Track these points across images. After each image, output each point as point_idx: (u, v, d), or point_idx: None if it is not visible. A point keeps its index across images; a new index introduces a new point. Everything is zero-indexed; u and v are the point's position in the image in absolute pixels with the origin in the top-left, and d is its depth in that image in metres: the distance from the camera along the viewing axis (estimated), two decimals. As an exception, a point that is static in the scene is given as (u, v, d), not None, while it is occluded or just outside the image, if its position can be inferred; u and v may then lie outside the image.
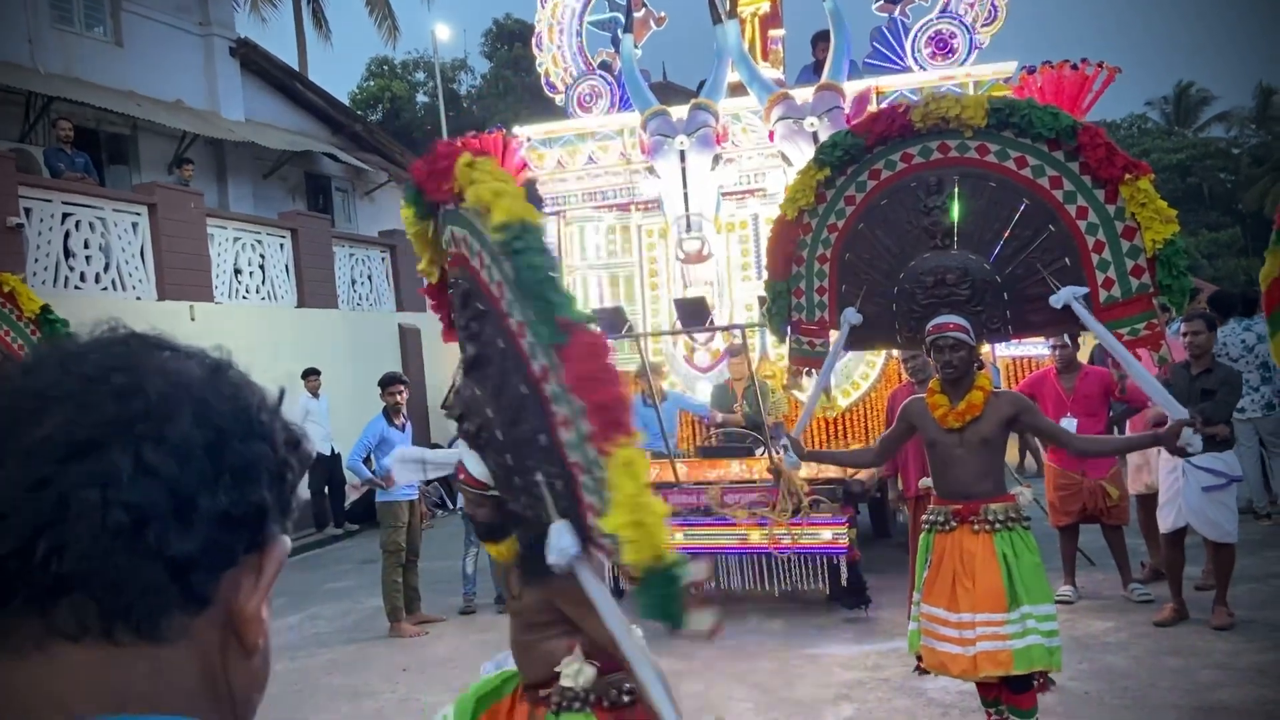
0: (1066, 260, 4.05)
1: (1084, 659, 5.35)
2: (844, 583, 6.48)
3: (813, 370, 4.76)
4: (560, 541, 2.33)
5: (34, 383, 0.64)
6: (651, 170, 7.88)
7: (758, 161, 8.07)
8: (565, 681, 2.79)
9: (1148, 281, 3.93)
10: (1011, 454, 8.10)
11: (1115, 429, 7.14)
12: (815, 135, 7.15)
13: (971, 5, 7.86)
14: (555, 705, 2.82)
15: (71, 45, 12.44)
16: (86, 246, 10.11)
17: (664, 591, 2.20)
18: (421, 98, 28.59)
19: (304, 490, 11.94)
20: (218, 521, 0.64)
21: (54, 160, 10.18)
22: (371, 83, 28.49)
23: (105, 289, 10.26)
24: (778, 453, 6.72)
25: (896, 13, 8.05)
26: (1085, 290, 4.00)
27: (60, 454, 0.60)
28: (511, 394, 2.48)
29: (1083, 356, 7.18)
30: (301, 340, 12.14)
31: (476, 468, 2.77)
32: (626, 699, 2.82)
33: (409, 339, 14.38)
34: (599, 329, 3.20)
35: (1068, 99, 7.56)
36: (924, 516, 4.31)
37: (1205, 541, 6.09)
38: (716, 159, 7.75)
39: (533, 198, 7.32)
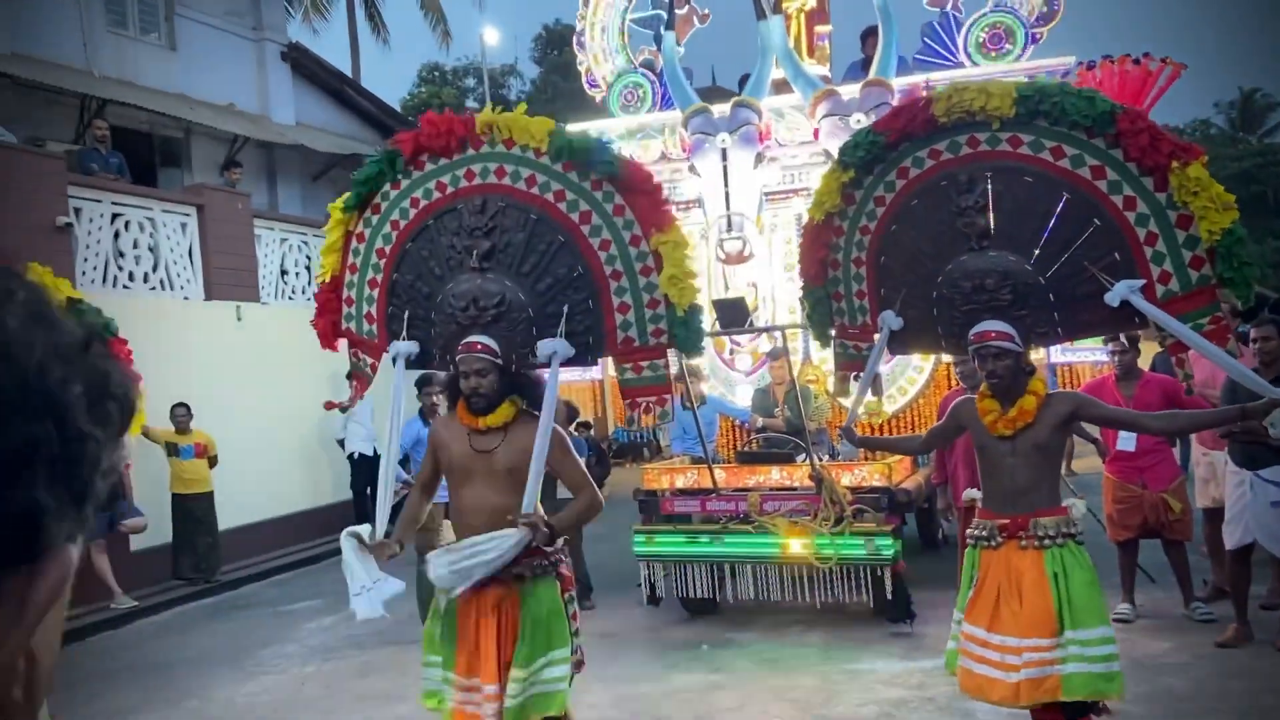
0: (1116, 255, 3.79)
1: (1142, 681, 5.08)
2: (888, 595, 6.26)
3: (859, 374, 4.58)
4: (557, 344, 3.90)
5: None
6: (693, 169, 7.72)
7: (802, 160, 7.87)
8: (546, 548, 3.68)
9: (1209, 273, 3.66)
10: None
11: (1177, 442, 6.83)
12: (863, 133, 6.94)
13: (1028, -1, 7.60)
14: (531, 576, 3.68)
15: (126, 49, 12.61)
16: (136, 246, 10.21)
17: (695, 326, 3.98)
18: (471, 103, 28.76)
19: (346, 491, 11.97)
20: None
21: (88, 160, 10.29)
22: (423, 89, 28.71)
23: (154, 289, 10.36)
24: (819, 459, 6.53)
25: (948, 7, 7.80)
26: (1142, 283, 3.74)
27: None
28: (540, 254, 4.00)
29: (1143, 364, 6.86)
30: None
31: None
32: (562, 557, 3.82)
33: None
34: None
35: (1130, 96, 7.29)
36: (969, 530, 4.08)
37: (1272, 559, 5.80)
38: (759, 158, 7.57)
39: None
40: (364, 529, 3.87)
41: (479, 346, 3.76)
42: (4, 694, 0.50)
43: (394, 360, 4.22)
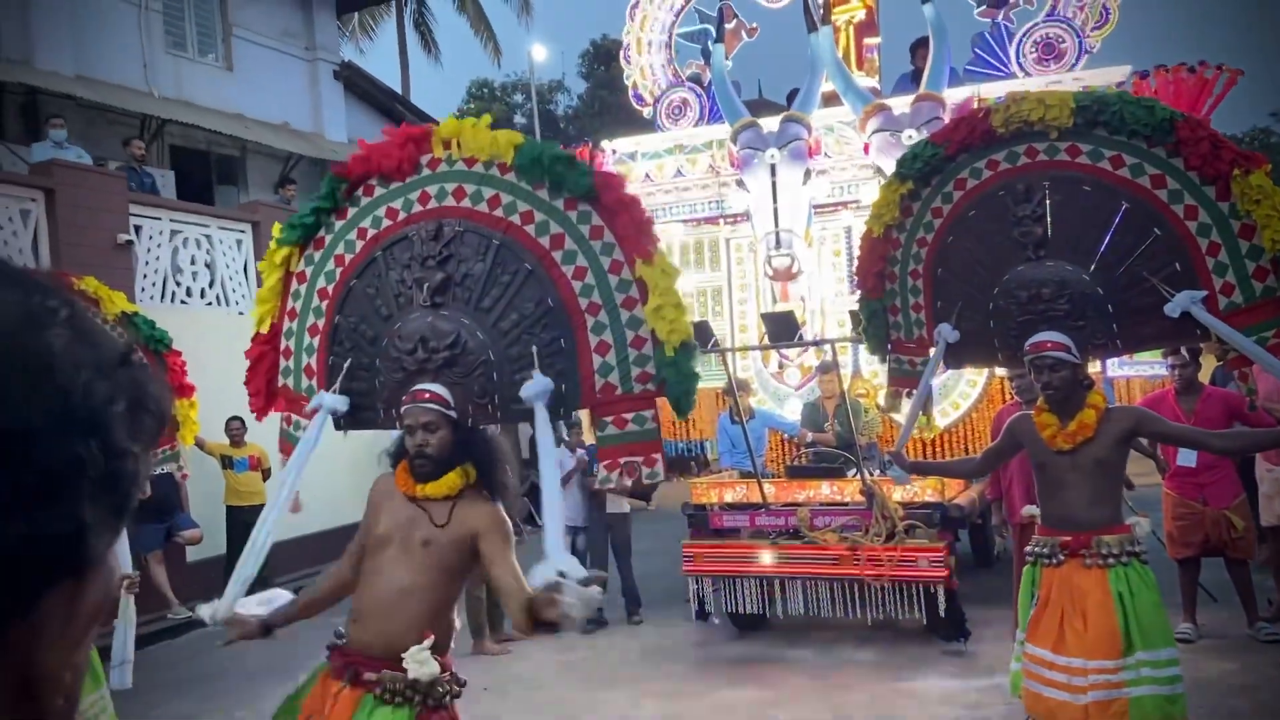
0: (1177, 265, 3.72)
1: (1205, 703, 4.94)
2: (942, 613, 6.16)
3: (912, 390, 4.54)
4: (539, 384, 3.15)
5: None
6: (741, 184, 7.70)
7: (851, 173, 7.82)
8: (410, 667, 2.92)
9: (1274, 284, 3.58)
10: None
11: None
12: (913, 147, 6.87)
13: (1081, 7, 7.48)
14: (382, 693, 2.98)
15: (184, 70, 12.92)
16: (193, 263, 10.43)
17: (687, 369, 3.15)
18: (520, 119, 29.01)
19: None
20: (4, 556, 0.46)
21: (128, 180, 10.48)
22: (471, 105, 29.03)
23: (210, 304, 10.56)
24: (870, 473, 6.45)
25: (1000, 17, 7.71)
26: (1203, 294, 3.66)
27: None
28: (503, 286, 3.30)
29: (1203, 378, 6.70)
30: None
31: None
32: (449, 699, 3.01)
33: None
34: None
35: (1186, 105, 7.13)
36: (1028, 548, 4.01)
37: (1341, 579, 5.62)
38: (808, 173, 7.53)
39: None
40: (206, 610, 3.27)
41: (427, 395, 3.14)
42: (49, 703, 0.51)
43: (315, 413, 3.55)
